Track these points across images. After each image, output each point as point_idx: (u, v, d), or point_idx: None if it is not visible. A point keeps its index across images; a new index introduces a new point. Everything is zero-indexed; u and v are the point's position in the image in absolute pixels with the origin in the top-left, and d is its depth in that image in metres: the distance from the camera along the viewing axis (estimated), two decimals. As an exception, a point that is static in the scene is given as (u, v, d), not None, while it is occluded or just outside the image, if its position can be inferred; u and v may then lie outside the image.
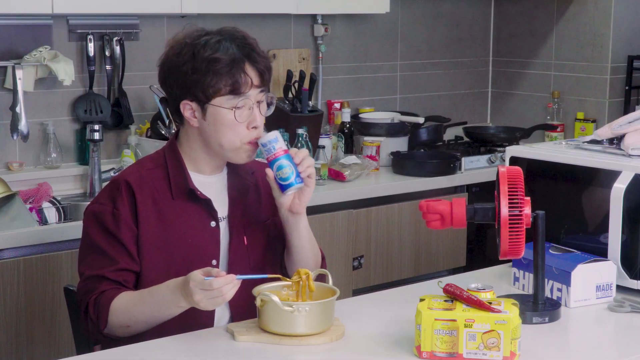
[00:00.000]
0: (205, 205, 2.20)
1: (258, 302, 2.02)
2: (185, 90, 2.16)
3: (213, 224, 2.21)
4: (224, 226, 2.24)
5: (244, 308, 2.18)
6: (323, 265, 2.36)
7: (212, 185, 2.25)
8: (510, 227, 2.06)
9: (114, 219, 2.14)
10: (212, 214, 2.21)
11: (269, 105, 2.22)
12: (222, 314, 2.21)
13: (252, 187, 2.30)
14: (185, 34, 2.19)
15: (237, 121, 2.14)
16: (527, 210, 2.08)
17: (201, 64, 2.12)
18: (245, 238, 2.25)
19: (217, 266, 2.21)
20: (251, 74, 2.15)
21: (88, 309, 2.10)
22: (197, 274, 1.95)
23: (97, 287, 2.11)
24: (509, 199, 2.06)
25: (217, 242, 2.21)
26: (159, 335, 2.07)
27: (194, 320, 2.13)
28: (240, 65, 2.14)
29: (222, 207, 2.25)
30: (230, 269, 2.20)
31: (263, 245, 2.29)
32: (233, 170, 2.28)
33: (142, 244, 2.14)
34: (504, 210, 2.06)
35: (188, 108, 2.18)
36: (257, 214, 2.29)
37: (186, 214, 2.18)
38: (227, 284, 1.93)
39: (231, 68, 2.13)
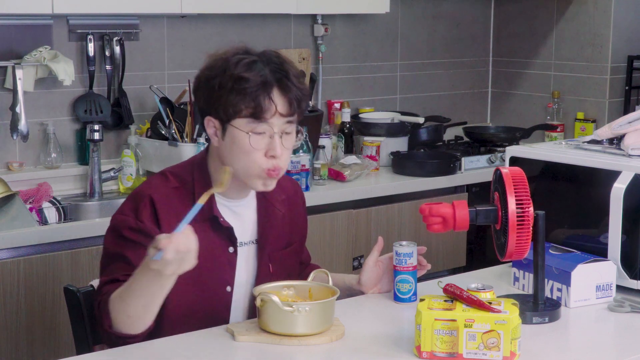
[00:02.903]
0: (227, 233, 2.15)
1: (258, 302, 2.02)
2: (209, 106, 2.10)
3: (231, 249, 2.17)
4: (252, 251, 2.21)
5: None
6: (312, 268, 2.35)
7: (238, 209, 2.20)
8: (518, 228, 2.06)
9: (135, 231, 2.08)
10: (232, 240, 2.17)
11: (297, 133, 2.13)
12: (240, 307, 2.21)
13: (280, 215, 2.26)
14: (226, 49, 2.12)
15: (252, 147, 2.07)
16: (531, 210, 2.08)
17: (228, 81, 2.05)
18: (270, 266, 2.22)
19: (231, 293, 2.18)
20: (278, 101, 2.06)
21: (95, 314, 2.06)
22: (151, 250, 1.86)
23: (106, 290, 2.05)
24: (516, 200, 2.06)
25: (233, 268, 2.18)
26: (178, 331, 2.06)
27: (214, 316, 2.13)
28: (267, 89, 2.05)
29: (247, 232, 2.21)
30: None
31: (287, 272, 2.27)
32: (262, 195, 2.23)
33: None
34: (512, 211, 2.06)
35: (211, 125, 2.12)
36: (283, 242, 2.27)
37: (206, 238, 2.09)
38: (175, 238, 1.82)
39: (256, 90, 2.04)
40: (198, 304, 2.13)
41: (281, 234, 2.26)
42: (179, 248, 1.82)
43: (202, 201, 1.91)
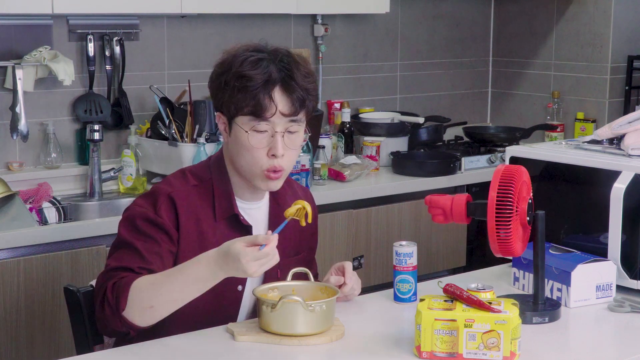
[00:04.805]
0: (245, 232, 2.14)
1: (278, 306, 1.99)
2: (217, 102, 2.13)
3: None
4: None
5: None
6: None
7: (251, 211, 2.21)
8: (497, 223, 2.05)
9: (152, 224, 2.08)
10: None
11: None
12: (247, 306, 2.21)
13: (290, 221, 2.22)
14: (239, 46, 2.13)
15: (252, 145, 2.08)
16: (521, 208, 2.07)
17: (232, 79, 2.07)
18: (278, 271, 2.20)
19: (242, 292, 2.18)
20: (279, 100, 2.07)
21: (106, 294, 1.99)
22: (240, 247, 1.88)
23: (118, 275, 2.02)
24: (498, 195, 2.06)
25: None
26: (184, 329, 2.07)
27: (222, 313, 2.13)
28: (269, 88, 2.06)
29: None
30: None
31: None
32: (275, 199, 2.24)
33: (179, 259, 2.08)
34: (490, 205, 2.06)
35: (221, 121, 2.14)
36: (292, 248, 2.26)
37: (224, 238, 2.08)
38: (275, 239, 1.90)
39: (257, 88, 2.05)
40: (209, 301, 2.11)
41: (289, 242, 2.25)
42: (274, 247, 1.89)
43: (290, 214, 2.02)
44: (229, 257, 1.90)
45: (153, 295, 1.97)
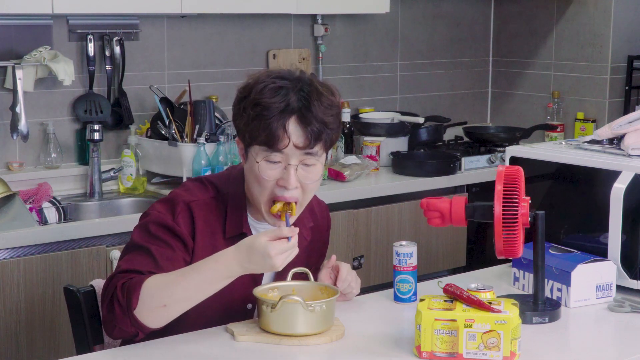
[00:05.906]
0: None
1: (278, 306, 1.99)
2: (236, 127, 2.09)
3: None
4: (272, 274, 2.19)
5: None
6: None
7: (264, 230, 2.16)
8: (504, 226, 2.06)
9: (168, 231, 2.05)
10: None
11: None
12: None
13: (305, 243, 2.22)
14: (266, 69, 2.06)
15: (262, 176, 2.03)
16: (524, 209, 2.07)
17: (249, 106, 2.01)
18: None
19: (252, 310, 2.17)
20: (294, 132, 2.00)
21: (115, 293, 1.95)
22: (265, 241, 1.86)
23: (127, 276, 1.98)
24: (504, 197, 2.06)
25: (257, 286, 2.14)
26: (200, 327, 2.06)
27: (236, 313, 2.13)
28: (284, 118, 1.99)
29: None
30: None
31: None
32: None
33: None
34: (498, 208, 2.06)
35: (239, 146, 2.10)
36: (303, 262, 2.21)
37: None
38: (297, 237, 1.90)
39: (272, 118, 1.98)
40: (218, 319, 2.10)
41: (302, 259, 2.20)
42: (297, 238, 1.89)
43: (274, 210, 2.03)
44: (253, 253, 1.89)
45: (166, 294, 1.93)
